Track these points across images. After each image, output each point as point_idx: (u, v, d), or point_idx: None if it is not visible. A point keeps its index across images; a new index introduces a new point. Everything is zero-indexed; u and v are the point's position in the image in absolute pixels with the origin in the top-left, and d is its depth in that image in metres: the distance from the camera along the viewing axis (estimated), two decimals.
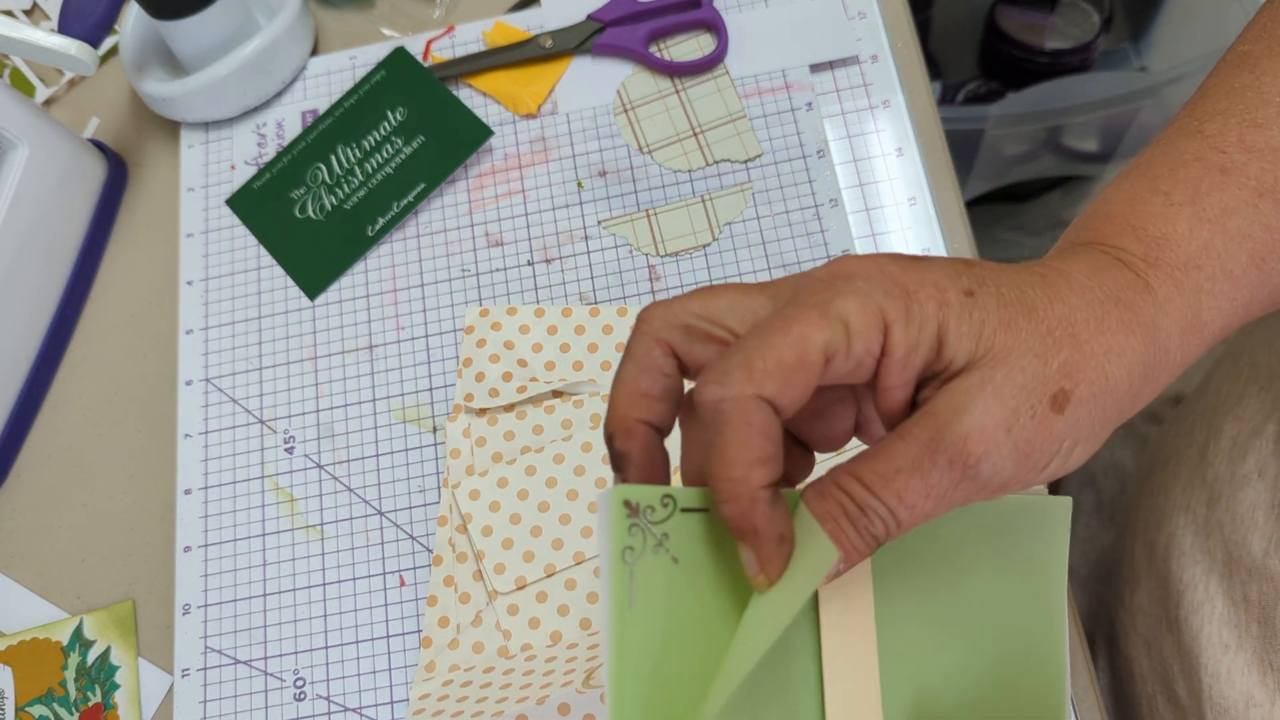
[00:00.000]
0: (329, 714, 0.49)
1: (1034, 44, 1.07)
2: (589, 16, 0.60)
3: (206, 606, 0.51)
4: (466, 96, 0.60)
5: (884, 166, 0.55)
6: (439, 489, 0.52)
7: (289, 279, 0.58)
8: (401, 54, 0.61)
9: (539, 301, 0.55)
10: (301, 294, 0.57)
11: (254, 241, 0.59)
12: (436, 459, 0.52)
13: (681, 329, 0.29)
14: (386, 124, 0.59)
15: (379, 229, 0.57)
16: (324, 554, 0.52)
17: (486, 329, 0.53)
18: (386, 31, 0.64)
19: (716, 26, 0.58)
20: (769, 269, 0.53)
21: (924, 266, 0.28)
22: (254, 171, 0.61)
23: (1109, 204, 0.33)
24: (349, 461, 0.53)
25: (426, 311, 0.56)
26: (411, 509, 0.52)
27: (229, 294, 0.58)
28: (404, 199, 0.57)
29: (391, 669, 0.49)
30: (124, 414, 0.58)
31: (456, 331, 0.55)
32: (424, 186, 0.57)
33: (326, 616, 0.50)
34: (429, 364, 0.54)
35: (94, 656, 0.52)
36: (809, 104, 0.56)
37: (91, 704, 0.52)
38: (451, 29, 0.62)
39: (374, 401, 0.54)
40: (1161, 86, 0.95)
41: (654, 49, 0.59)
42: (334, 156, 0.60)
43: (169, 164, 0.64)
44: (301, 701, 0.49)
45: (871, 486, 0.27)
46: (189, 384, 0.56)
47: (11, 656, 0.53)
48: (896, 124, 0.55)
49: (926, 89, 0.56)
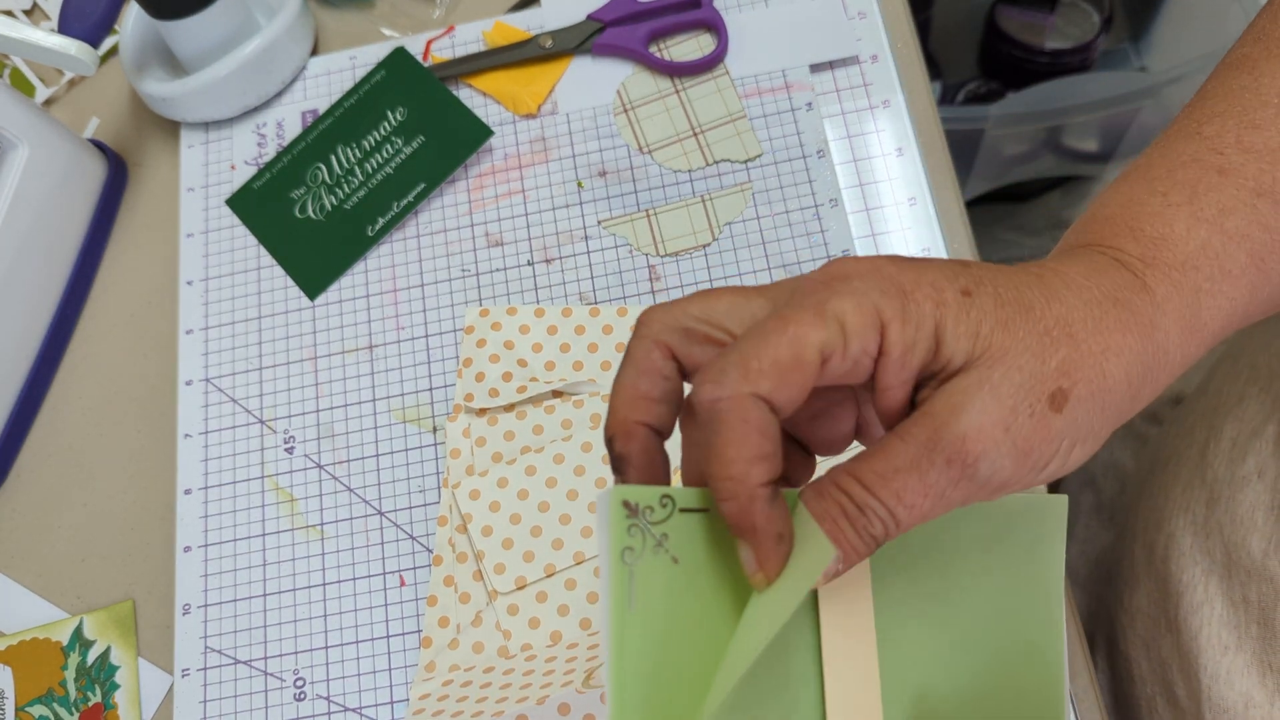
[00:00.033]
0: (329, 714, 0.49)
1: (1034, 44, 1.07)
2: (589, 16, 0.60)
3: (206, 606, 0.52)
4: (466, 96, 0.60)
5: (884, 166, 0.55)
6: (439, 489, 0.52)
7: (289, 279, 0.58)
8: (401, 54, 0.61)
9: (539, 301, 0.55)
10: (301, 294, 0.57)
11: (254, 241, 0.59)
12: (436, 459, 0.52)
13: (681, 331, 0.29)
14: (386, 124, 0.59)
15: (379, 229, 0.57)
16: (324, 554, 0.52)
17: (486, 329, 0.53)
18: (386, 31, 0.64)
19: (716, 26, 0.58)
20: (769, 269, 0.53)
21: (921, 267, 0.28)
22: (254, 171, 0.61)
23: (1107, 206, 0.33)
24: (349, 461, 0.53)
25: (426, 311, 0.56)
26: (411, 509, 0.52)
27: (229, 294, 0.58)
28: (404, 199, 0.58)
29: (391, 669, 0.49)
30: (124, 414, 0.58)
31: (456, 331, 0.55)
32: (424, 186, 0.57)
33: (326, 616, 0.50)
34: (429, 364, 0.54)
35: (94, 656, 0.52)
36: (809, 104, 0.56)
37: (91, 704, 0.52)
38: (451, 29, 0.62)
39: (374, 401, 0.54)
40: (1161, 86, 0.95)
41: (654, 49, 0.59)
42: (334, 156, 0.60)
43: (169, 164, 0.64)
44: (301, 701, 0.49)
45: (870, 486, 0.27)
46: (189, 384, 0.56)
47: (11, 656, 0.53)
48: (896, 124, 0.55)
49: (926, 89, 0.56)
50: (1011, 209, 1.18)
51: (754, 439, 0.27)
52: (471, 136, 0.58)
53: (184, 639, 0.51)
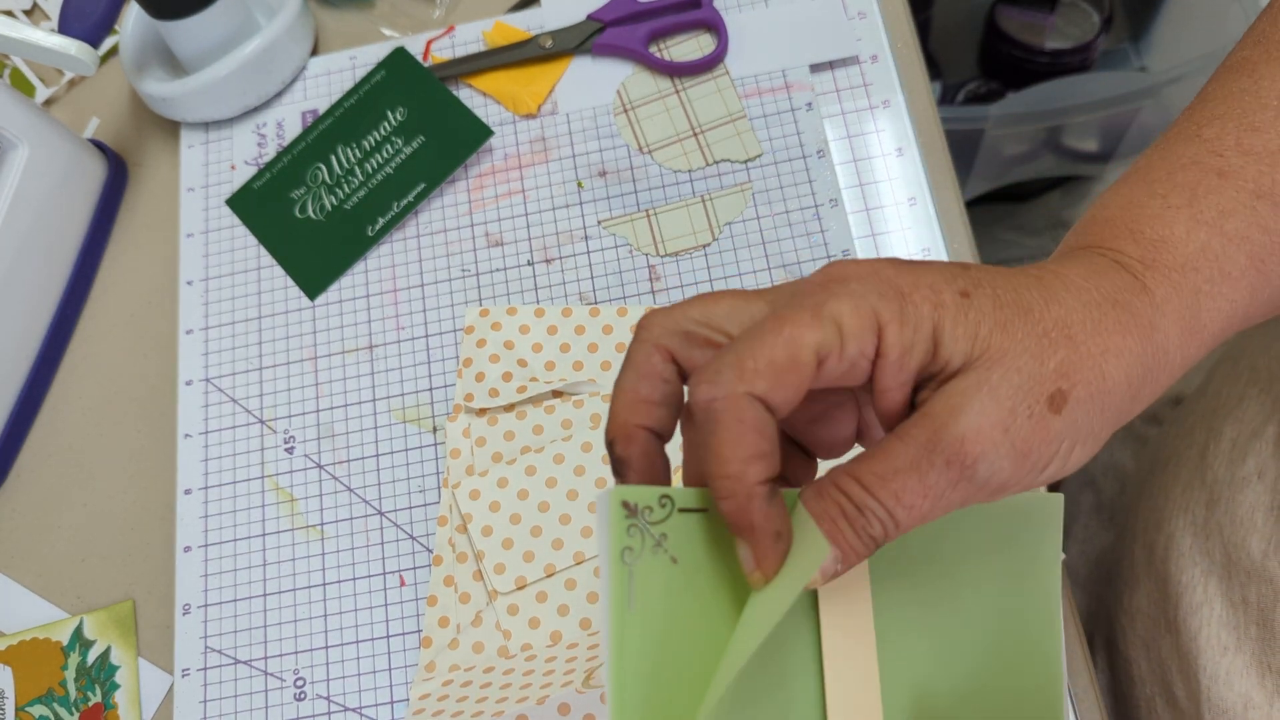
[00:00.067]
0: (329, 714, 0.49)
1: (1034, 44, 1.07)
2: (589, 16, 0.60)
3: (206, 606, 0.52)
4: (466, 96, 0.60)
5: (884, 166, 0.55)
6: (439, 489, 0.52)
7: (289, 279, 0.58)
8: (401, 54, 0.61)
9: (539, 301, 0.55)
10: (301, 294, 0.57)
11: (254, 241, 0.59)
12: (436, 459, 0.52)
13: (681, 335, 0.29)
14: (386, 124, 0.59)
15: (379, 229, 0.57)
16: (324, 554, 0.52)
17: (486, 329, 0.53)
18: (386, 31, 0.64)
19: (716, 26, 0.58)
20: (769, 269, 0.53)
21: (919, 269, 0.28)
22: (254, 171, 0.61)
23: (1107, 209, 0.33)
24: (349, 461, 0.53)
25: (426, 311, 0.56)
26: (411, 509, 0.52)
27: (229, 294, 0.58)
28: (404, 199, 0.58)
29: (391, 669, 0.49)
30: (124, 414, 0.58)
31: (456, 331, 0.55)
32: (424, 186, 0.58)
33: (326, 616, 0.50)
34: (429, 364, 0.54)
35: (94, 656, 0.53)
36: (809, 104, 0.56)
37: (91, 704, 0.52)
38: (451, 29, 0.62)
39: (374, 401, 0.54)
40: (1161, 86, 0.95)
41: (654, 49, 0.59)
42: (334, 156, 0.60)
43: (169, 164, 0.64)
44: (301, 701, 0.49)
45: (869, 487, 0.27)
46: (189, 384, 0.56)
47: (11, 656, 0.53)
48: (896, 124, 0.55)
49: (926, 89, 0.56)
50: (1011, 209, 1.18)
51: (750, 438, 0.27)
52: (471, 136, 0.58)
53: (184, 639, 0.51)
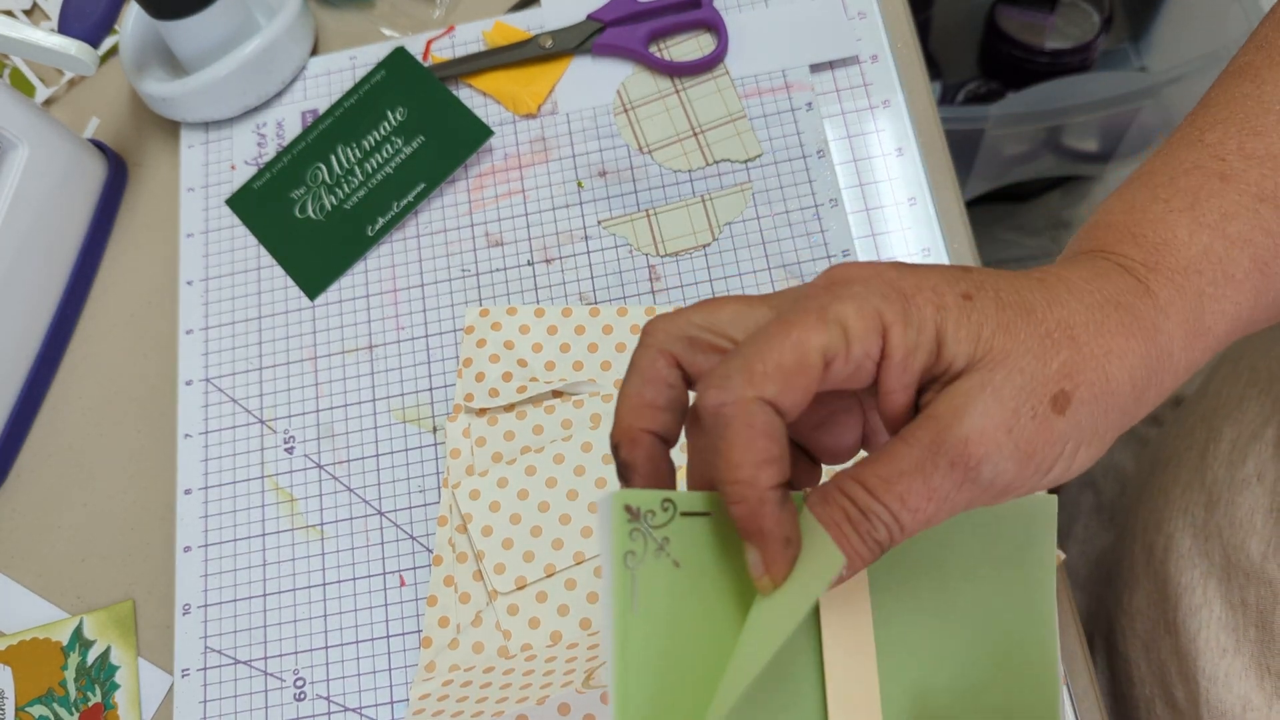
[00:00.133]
0: (329, 714, 0.49)
1: (1034, 44, 1.07)
2: (589, 16, 0.60)
3: (206, 606, 0.52)
4: (466, 96, 0.60)
5: (884, 166, 0.55)
6: (439, 489, 0.52)
7: (289, 279, 0.58)
8: (401, 54, 0.61)
9: (539, 301, 0.55)
10: (301, 294, 0.57)
11: (254, 241, 0.59)
12: (436, 459, 0.52)
13: (685, 340, 0.29)
14: (386, 124, 0.59)
15: (379, 229, 0.57)
16: (324, 554, 0.52)
17: (486, 329, 0.53)
18: (386, 31, 0.64)
19: (716, 26, 0.58)
20: (769, 269, 0.53)
21: (922, 272, 0.28)
22: (254, 171, 0.61)
23: (1110, 213, 0.33)
24: (349, 461, 0.53)
25: (426, 311, 0.56)
26: (411, 509, 0.52)
27: (229, 294, 0.58)
28: (404, 199, 0.58)
29: (391, 669, 0.49)
30: (124, 414, 0.58)
31: (456, 331, 0.55)
32: (424, 186, 0.58)
33: (326, 616, 0.50)
34: (429, 364, 0.54)
35: (94, 656, 0.53)
36: (809, 104, 0.56)
37: (91, 704, 0.52)
38: (451, 29, 0.62)
39: (374, 401, 0.54)
40: (1161, 86, 0.95)
41: (654, 49, 0.59)
42: (334, 156, 0.60)
43: (169, 164, 0.64)
44: (301, 701, 0.49)
45: (874, 490, 0.27)
46: (189, 384, 0.56)
47: (11, 656, 0.53)
48: (896, 124, 0.55)
49: (926, 89, 0.56)
50: (1011, 209, 1.18)
51: (761, 442, 0.27)
52: (471, 136, 0.58)
53: (184, 639, 0.51)
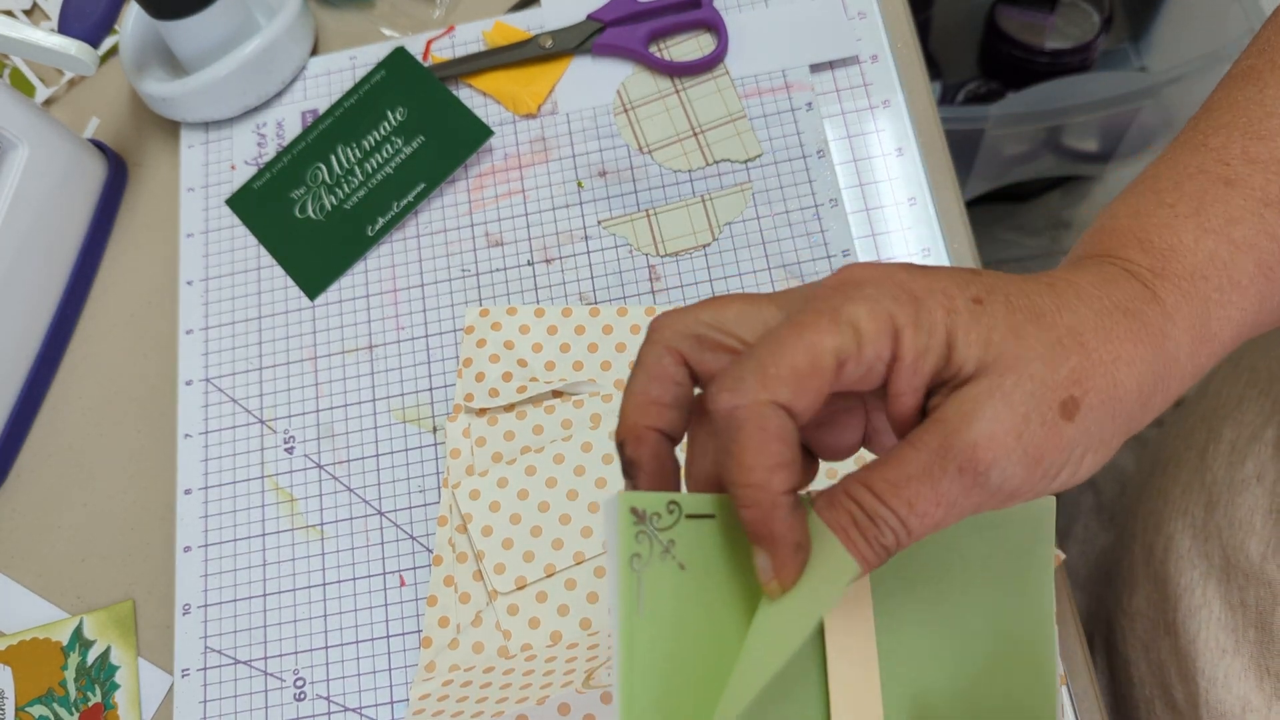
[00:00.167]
0: (329, 714, 0.49)
1: (1034, 44, 1.07)
2: (589, 16, 0.60)
3: (206, 606, 0.52)
4: (466, 96, 0.60)
5: (884, 166, 0.55)
6: (439, 489, 0.52)
7: (289, 279, 0.58)
8: (401, 54, 0.61)
9: (539, 301, 0.55)
10: (301, 294, 0.57)
11: (254, 241, 0.59)
12: (436, 459, 0.52)
13: (692, 338, 0.29)
14: (386, 124, 0.59)
15: (379, 229, 0.57)
16: (324, 554, 0.52)
17: (486, 329, 0.53)
18: (386, 31, 0.64)
19: (716, 26, 0.58)
20: (769, 269, 0.53)
21: (933, 275, 0.28)
22: (254, 171, 0.61)
23: (1115, 218, 0.33)
24: (349, 461, 0.53)
25: (426, 311, 0.56)
26: (411, 509, 0.52)
27: (229, 294, 0.58)
28: (404, 199, 0.58)
29: (391, 669, 0.49)
30: (124, 414, 0.58)
31: (456, 331, 0.55)
32: (424, 186, 0.58)
33: (326, 616, 0.50)
34: (429, 364, 0.54)
35: (94, 656, 0.53)
36: (809, 104, 0.56)
37: (91, 704, 0.52)
38: (451, 29, 0.62)
39: (374, 401, 0.54)
40: (1161, 86, 0.95)
41: (654, 49, 0.59)
42: (334, 156, 0.60)
43: (169, 164, 0.64)
44: (301, 701, 0.49)
45: (882, 495, 0.27)
46: (189, 384, 0.56)
47: (11, 656, 0.53)
48: (896, 124, 0.55)
49: (926, 89, 0.56)
50: (1011, 209, 1.18)
51: (774, 446, 0.27)
52: (471, 136, 0.58)
53: (184, 639, 0.51)
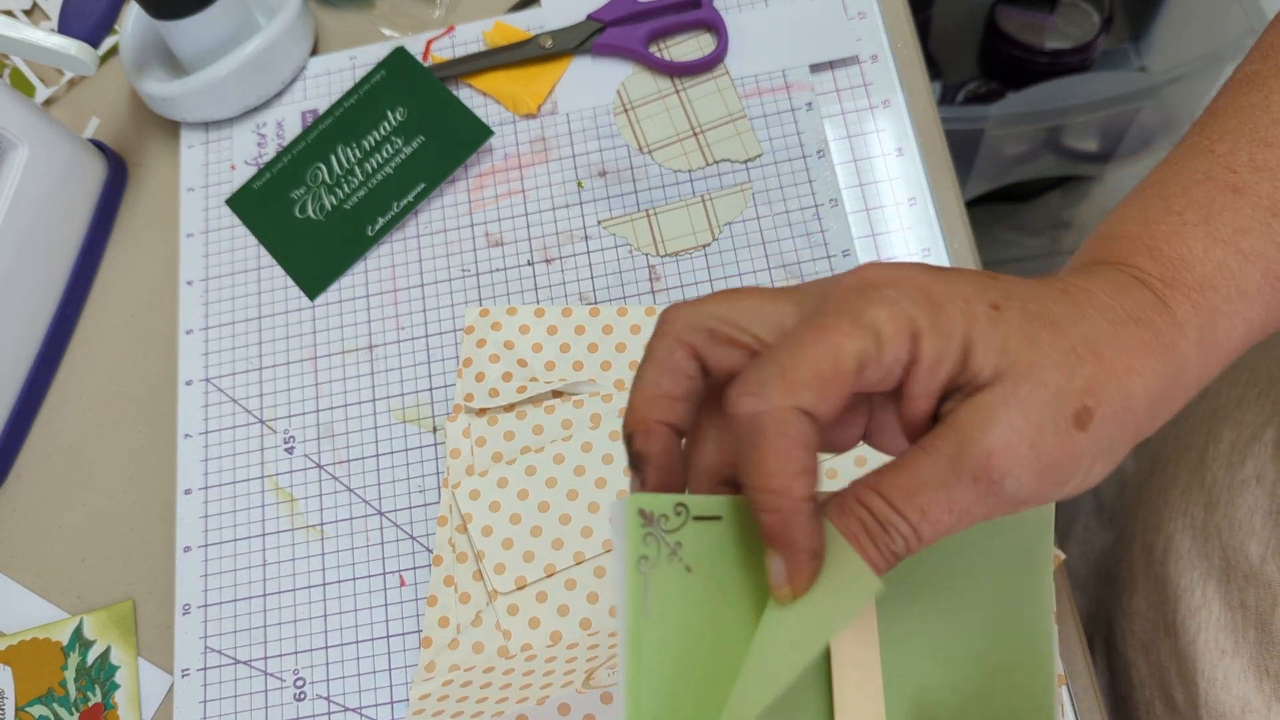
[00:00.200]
0: (329, 714, 0.49)
1: (1034, 44, 1.07)
2: (589, 16, 0.60)
3: (206, 606, 0.52)
4: (466, 96, 0.60)
5: (884, 166, 0.55)
6: (439, 489, 0.52)
7: (289, 279, 0.58)
8: (401, 54, 0.61)
9: (539, 301, 0.55)
10: (301, 294, 0.57)
11: (254, 241, 0.59)
12: (436, 459, 0.52)
13: (705, 332, 0.29)
14: (386, 124, 0.59)
15: (379, 229, 0.57)
16: (324, 554, 0.52)
17: (486, 329, 0.53)
18: (386, 31, 0.64)
19: (716, 26, 0.58)
20: (769, 269, 0.53)
21: (951, 278, 0.28)
22: (254, 171, 0.61)
23: (1124, 223, 0.33)
24: (349, 461, 0.53)
25: (426, 311, 0.56)
26: (411, 509, 0.52)
27: (229, 294, 0.58)
28: (404, 199, 0.58)
29: (391, 669, 0.49)
30: (124, 414, 0.58)
31: (456, 331, 0.55)
32: (424, 186, 0.58)
33: (326, 616, 0.50)
34: (429, 364, 0.54)
35: (94, 656, 0.53)
36: (809, 104, 0.56)
37: (91, 704, 0.52)
38: (451, 29, 0.62)
39: (374, 401, 0.54)
40: (1161, 86, 0.95)
41: (654, 49, 0.59)
42: (334, 156, 0.60)
43: (169, 164, 0.64)
44: (301, 701, 0.49)
45: (894, 501, 0.27)
46: (189, 384, 0.56)
47: (11, 656, 0.53)
48: (896, 124, 0.55)
49: (926, 89, 0.56)
50: (1011, 209, 1.18)
51: (796, 452, 0.26)
52: (471, 136, 0.58)
53: (184, 639, 0.51)
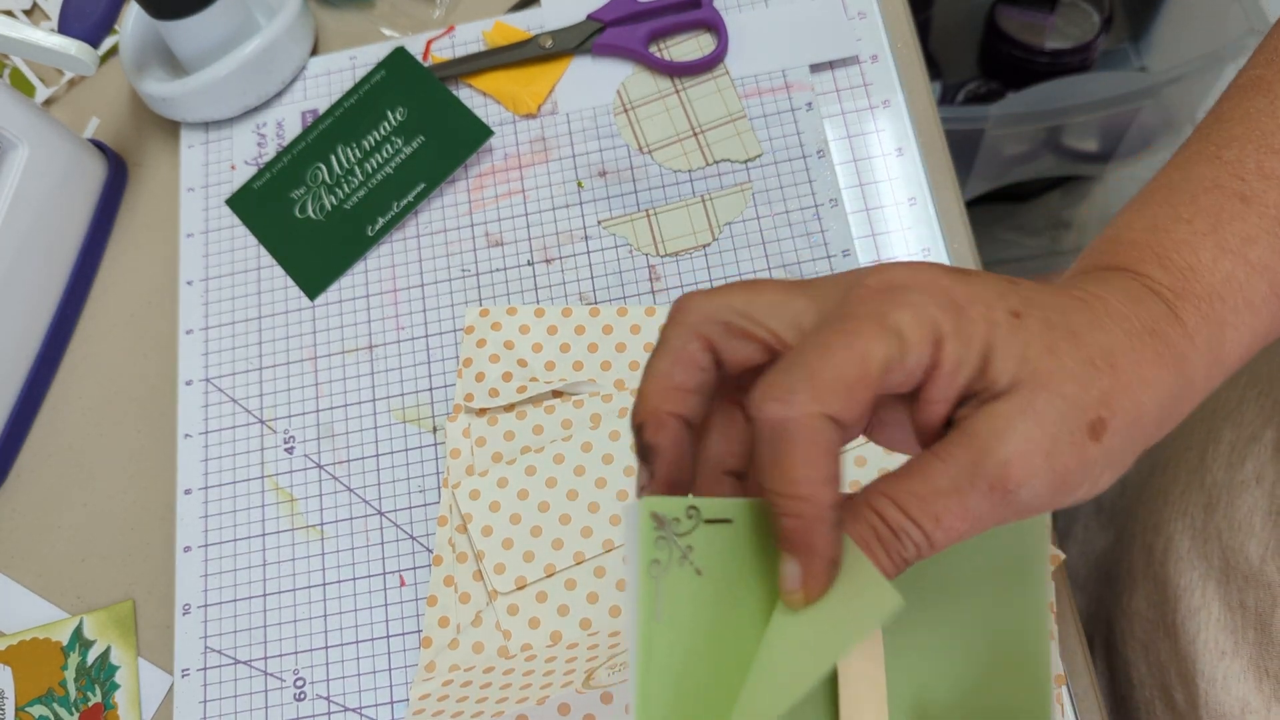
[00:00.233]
0: (329, 714, 0.49)
1: (1034, 44, 1.07)
2: (589, 16, 0.60)
3: (206, 606, 0.52)
4: (466, 96, 0.60)
5: (884, 166, 0.55)
6: (439, 489, 0.52)
7: (289, 279, 0.58)
8: (401, 54, 0.61)
9: (539, 301, 0.55)
10: (301, 294, 0.57)
11: (254, 241, 0.59)
12: (436, 459, 0.52)
13: (721, 325, 0.28)
14: (386, 124, 0.59)
15: (379, 229, 0.57)
16: (324, 554, 0.52)
17: (486, 329, 0.53)
18: (386, 31, 0.64)
19: (716, 26, 0.58)
20: (769, 269, 0.53)
21: (973, 282, 0.28)
22: (254, 171, 0.61)
23: (1131, 229, 0.32)
24: (349, 461, 0.53)
25: (426, 311, 0.56)
26: (411, 509, 0.52)
27: (229, 294, 0.58)
28: (404, 199, 0.58)
29: (391, 669, 0.49)
30: (124, 414, 0.58)
31: (456, 331, 0.55)
32: (424, 186, 0.58)
33: (326, 616, 0.50)
34: (429, 364, 0.54)
35: (94, 656, 0.53)
36: (809, 104, 0.56)
37: (91, 704, 0.52)
38: (451, 29, 0.62)
39: (374, 401, 0.54)
40: (1161, 86, 0.95)
41: (654, 49, 0.59)
42: (334, 156, 0.60)
43: (169, 164, 0.64)
44: (301, 701, 0.49)
45: (907, 509, 0.27)
46: (189, 384, 0.56)
47: (11, 656, 0.53)
48: (896, 124, 0.55)
49: (926, 89, 0.56)
50: (1011, 209, 1.18)
51: (823, 459, 0.26)
52: (471, 136, 0.58)
53: (184, 639, 0.51)
